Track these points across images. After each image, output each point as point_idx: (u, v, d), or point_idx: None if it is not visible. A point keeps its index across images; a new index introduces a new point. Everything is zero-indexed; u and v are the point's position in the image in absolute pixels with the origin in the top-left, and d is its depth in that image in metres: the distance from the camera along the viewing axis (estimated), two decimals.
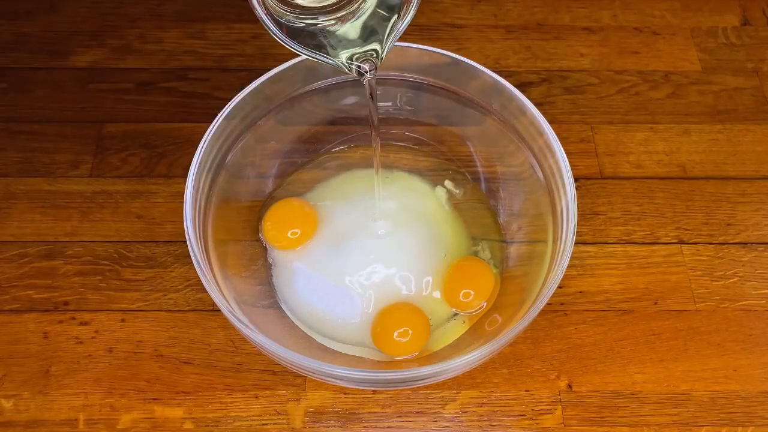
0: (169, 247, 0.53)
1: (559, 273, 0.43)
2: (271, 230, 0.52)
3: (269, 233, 0.52)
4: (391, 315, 0.49)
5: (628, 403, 0.48)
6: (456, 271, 0.50)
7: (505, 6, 0.67)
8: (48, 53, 0.63)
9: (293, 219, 0.52)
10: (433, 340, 0.49)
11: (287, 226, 0.52)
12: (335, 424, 0.47)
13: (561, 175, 0.46)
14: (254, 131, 0.51)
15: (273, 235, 0.52)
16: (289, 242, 0.51)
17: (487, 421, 0.48)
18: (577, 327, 0.51)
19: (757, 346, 0.50)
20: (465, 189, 0.55)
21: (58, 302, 0.51)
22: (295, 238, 0.51)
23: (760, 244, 0.55)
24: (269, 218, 0.52)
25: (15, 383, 0.48)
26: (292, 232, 0.51)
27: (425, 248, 0.51)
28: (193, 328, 0.50)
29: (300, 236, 0.51)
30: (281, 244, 0.52)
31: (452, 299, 0.50)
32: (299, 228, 0.51)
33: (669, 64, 0.64)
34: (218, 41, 0.64)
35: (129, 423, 0.47)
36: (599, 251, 0.54)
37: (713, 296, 0.52)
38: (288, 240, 0.51)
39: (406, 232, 0.51)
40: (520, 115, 0.49)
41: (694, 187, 0.57)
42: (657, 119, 0.61)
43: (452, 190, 0.55)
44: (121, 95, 0.61)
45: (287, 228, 0.51)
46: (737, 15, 0.67)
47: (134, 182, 0.56)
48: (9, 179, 0.56)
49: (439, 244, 0.52)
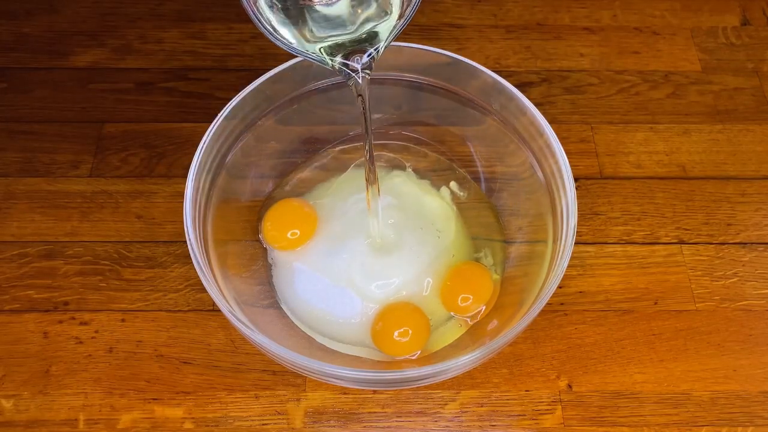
0: (169, 247, 0.53)
1: (559, 273, 0.43)
2: (271, 231, 0.52)
3: (269, 234, 0.52)
4: (391, 315, 0.49)
5: (628, 403, 0.48)
6: (454, 275, 0.50)
7: (505, 6, 0.67)
8: (48, 53, 0.63)
9: (293, 219, 0.52)
10: (433, 340, 0.49)
11: (287, 226, 0.51)
12: (335, 424, 0.47)
13: (561, 175, 0.46)
14: (254, 131, 0.51)
15: (273, 236, 0.52)
16: (289, 243, 0.51)
17: (487, 421, 0.48)
18: (577, 327, 0.51)
19: (757, 346, 0.50)
20: (468, 190, 0.55)
21: (58, 302, 0.51)
22: (295, 238, 0.51)
23: (760, 244, 0.55)
24: (269, 219, 0.52)
25: (15, 383, 0.48)
26: (292, 233, 0.51)
27: (425, 248, 0.51)
28: (193, 328, 0.50)
29: (300, 237, 0.51)
30: (281, 244, 0.52)
31: (450, 303, 0.50)
32: (299, 228, 0.51)
33: (669, 64, 0.64)
34: (218, 41, 0.64)
35: (129, 423, 0.47)
36: (599, 251, 0.54)
37: (713, 296, 0.52)
38: (288, 240, 0.51)
39: (407, 232, 0.51)
40: (520, 115, 0.49)
41: (694, 187, 0.57)
42: (657, 119, 0.61)
43: (457, 192, 0.55)
44: (121, 95, 0.61)
45: (287, 228, 0.51)
46: (737, 15, 0.67)
47: (134, 182, 0.56)
48: (9, 179, 0.56)
49: (441, 244, 0.52)
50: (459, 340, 0.49)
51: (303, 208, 0.53)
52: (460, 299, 0.49)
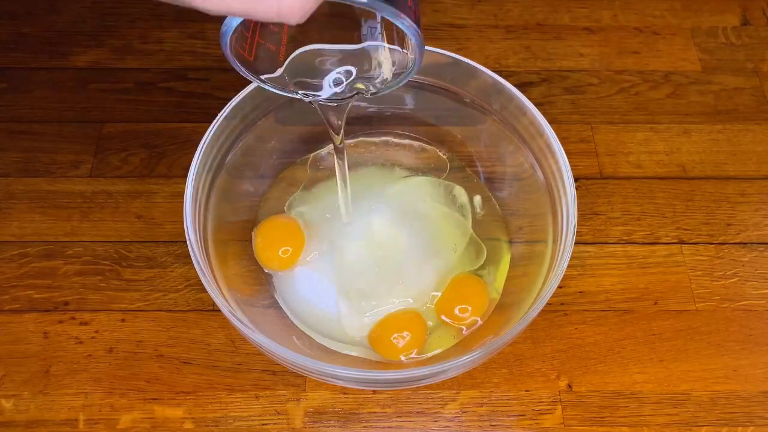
0: (169, 247, 0.53)
1: (559, 273, 0.43)
2: (264, 252, 0.51)
3: (262, 255, 0.51)
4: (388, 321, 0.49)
5: (628, 403, 0.48)
6: (452, 287, 0.50)
7: (505, 6, 0.67)
8: (48, 53, 0.63)
9: (280, 241, 0.51)
10: (432, 341, 0.49)
11: (277, 245, 0.51)
12: (335, 424, 0.47)
13: (561, 175, 0.46)
14: (254, 131, 0.51)
15: (267, 257, 0.51)
16: (284, 262, 0.51)
17: (487, 421, 0.48)
18: (577, 327, 0.51)
19: (757, 346, 0.50)
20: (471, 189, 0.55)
21: (58, 302, 0.51)
22: (287, 257, 0.51)
23: (760, 244, 0.55)
24: (260, 241, 0.51)
25: (15, 383, 0.48)
26: (284, 251, 0.51)
27: (425, 249, 0.51)
28: (193, 328, 0.50)
29: (292, 254, 0.51)
30: (278, 266, 0.51)
31: (446, 314, 0.50)
32: (290, 246, 0.51)
33: (669, 64, 0.64)
34: (218, 41, 0.63)
35: (129, 423, 0.47)
36: (599, 251, 0.54)
37: (713, 296, 0.52)
38: (283, 260, 0.51)
39: (406, 233, 0.51)
40: (520, 115, 0.49)
41: (694, 187, 0.57)
42: (657, 119, 0.61)
43: (477, 208, 0.54)
44: (121, 95, 0.61)
45: (278, 249, 0.51)
46: (737, 15, 0.67)
47: (134, 182, 0.56)
48: (9, 179, 0.56)
49: (450, 262, 0.51)
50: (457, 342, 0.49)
51: (288, 228, 0.52)
52: (457, 310, 0.49)
